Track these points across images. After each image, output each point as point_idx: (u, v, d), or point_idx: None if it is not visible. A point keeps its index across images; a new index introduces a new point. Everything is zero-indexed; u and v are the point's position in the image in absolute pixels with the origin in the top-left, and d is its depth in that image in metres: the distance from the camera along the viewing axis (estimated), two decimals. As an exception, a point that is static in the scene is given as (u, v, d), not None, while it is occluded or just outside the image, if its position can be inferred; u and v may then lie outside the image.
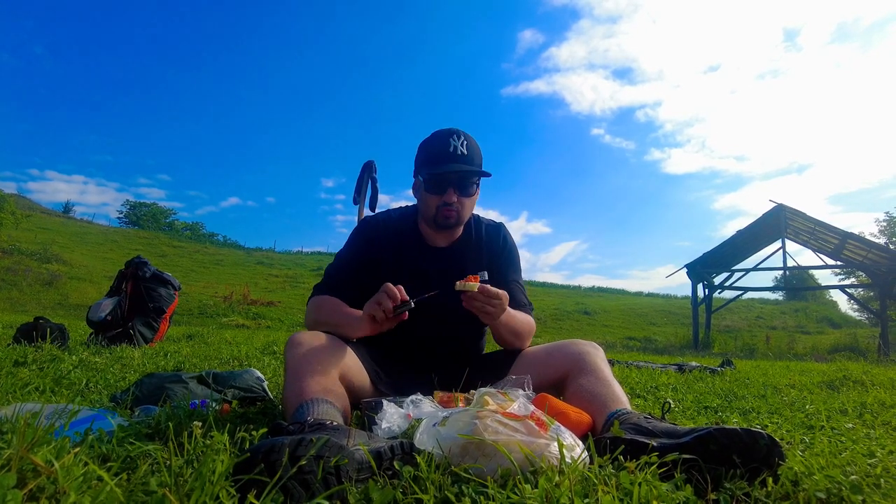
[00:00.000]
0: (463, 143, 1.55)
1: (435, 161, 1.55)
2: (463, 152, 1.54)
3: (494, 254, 1.72)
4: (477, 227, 1.75)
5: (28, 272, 17.36)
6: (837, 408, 2.09)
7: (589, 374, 1.38)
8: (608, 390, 1.31)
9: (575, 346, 1.50)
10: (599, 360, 1.43)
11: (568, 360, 1.46)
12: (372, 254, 1.66)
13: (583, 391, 1.33)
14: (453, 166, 1.53)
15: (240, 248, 39.56)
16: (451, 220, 1.59)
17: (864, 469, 1.04)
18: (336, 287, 1.63)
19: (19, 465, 0.70)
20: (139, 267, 4.12)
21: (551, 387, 1.47)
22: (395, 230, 1.70)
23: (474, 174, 1.57)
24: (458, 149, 1.54)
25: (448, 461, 0.90)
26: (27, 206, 34.30)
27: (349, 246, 1.71)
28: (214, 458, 0.75)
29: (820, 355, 10.24)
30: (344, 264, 1.68)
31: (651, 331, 20.38)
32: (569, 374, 1.43)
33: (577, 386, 1.36)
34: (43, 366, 2.32)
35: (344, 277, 1.65)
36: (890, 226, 28.92)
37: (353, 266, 1.67)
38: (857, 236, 13.15)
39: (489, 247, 1.72)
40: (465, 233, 1.71)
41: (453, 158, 1.53)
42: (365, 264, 1.66)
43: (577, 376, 1.39)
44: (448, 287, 1.46)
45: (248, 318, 15.03)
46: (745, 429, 0.94)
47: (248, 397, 1.74)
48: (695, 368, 4.02)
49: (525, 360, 1.57)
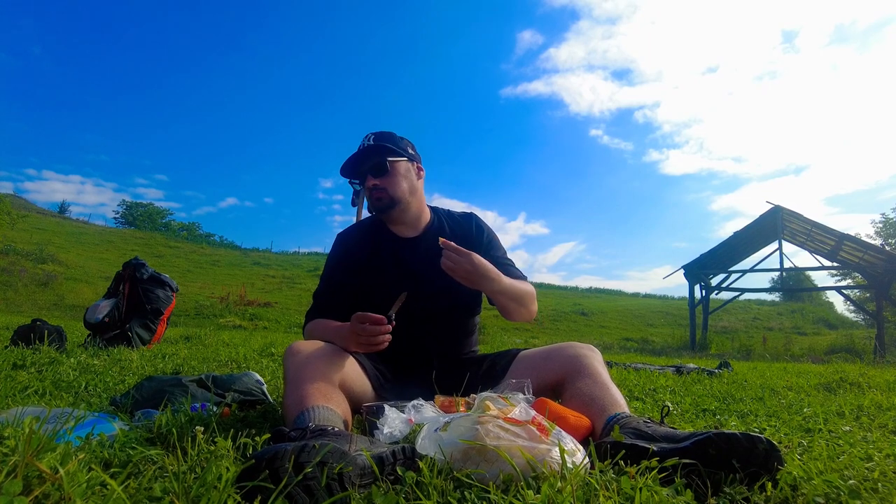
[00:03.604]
0: (370, 138, 1.67)
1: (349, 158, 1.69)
2: (370, 142, 1.66)
3: (469, 240, 1.76)
4: (448, 217, 1.84)
5: (23, 273, 17.28)
6: (834, 410, 2.10)
7: (587, 377, 1.38)
8: (606, 394, 1.32)
9: (572, 349, 1.51)
10: (597, 364, 1.44)
11: (566, 364, 1.46)
12: (350, 259, 1.73)
13: (581, 395, 1.34)
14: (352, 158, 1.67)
15: (236, 248, 39.48)
16: (383, 201, 1.66)
17: (862, 473, 1.05)
18: (326, 308, 1.68)
19: (25, 472, 0.70)
20: (136, 268, 4.11)
21: (549, 390, 1.48)
22: (367, 232, 1.78)
23: (373, 153, 1.65)
24: (366, 143, 1.67)
25: (450, 466, 0.90)
26: (23, 206, 34.14)
27: (328, 262, 1.79)
28: (219, 465, 0.75)
29: (816, 356, 10.29)
30: (329, 281, 1.74)
31: (648, 332, 20.42)
32: (566, 378, 1.43)
33: (576, 389, 1.37)
34: (41, 369, 2.31)
35: (332, 296, 1.71)
36: (886, 227, 29.02)
37: (337, 278, 1.72)
38: (854, 238, 13.21)
39: (462, 235, 1.78)
40: (435, 222, 1.79)
41: (360, 150, 1.66)
42: (348, 272, 1.71)
43: (575, 379, 1.40)
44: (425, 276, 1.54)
45: (244, 318, 15.00)
46: (744, 433, 0.94)
47: (248, 400, 1.74)
48: (692, 370, 4.04)
49: (522, 362, 1.58)
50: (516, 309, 1.63)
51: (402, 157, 1.68)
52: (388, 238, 1.74)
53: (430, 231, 1.76)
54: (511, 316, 1.66)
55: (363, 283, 1.69)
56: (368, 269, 1.69)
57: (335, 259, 1.76)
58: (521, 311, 1.64)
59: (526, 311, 1.66)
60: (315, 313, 1.69)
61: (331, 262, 1.77)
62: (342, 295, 1.70)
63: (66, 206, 46.61)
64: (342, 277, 1.72)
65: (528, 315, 1.67)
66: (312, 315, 1.69)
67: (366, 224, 1.81)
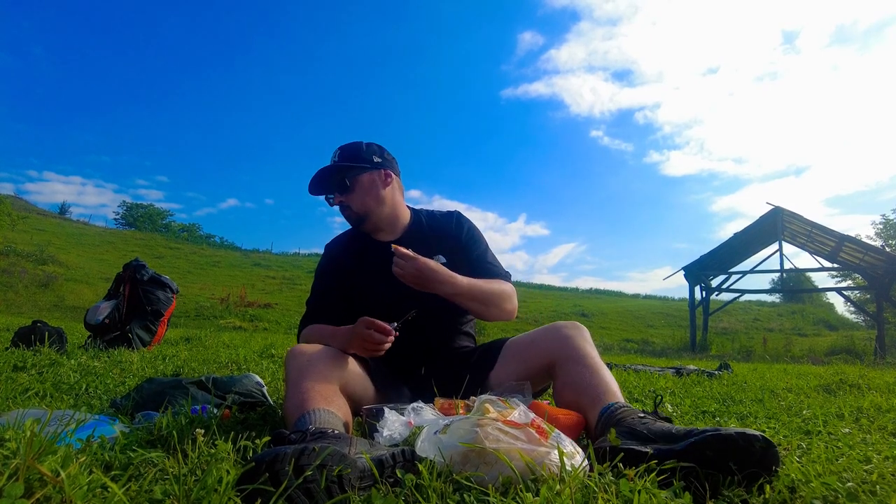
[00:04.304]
0: (335, 154, 1.71)
1: None
2: (333, 161, 1.70)
3: (448, 238, 1.78)
4: (429, 218, 1.84)
5: (24, 274, 17.30)
6: (834, 412, 2.10)
7: (577, 361, 1.37)
8: (599, 380, 1.31)
9: (558, 331, 1.48)
10: (586, 344, 1.43)
11: (553, 346, 1.45)
12: (337, 266, 1.77)
13: (573, 382, 1.34)
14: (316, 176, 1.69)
15: (237, 249, 39.52)
16: (351, 217, 1.72)
17: (861, 475, 1.05)
18: (320, 314, 1.71)
19: (26, 475, 0.71)
20: (137, 270, 4.12)
21: (541, 374, 1.49)
22: (351, 239, 1.82)
23: (334, 172, 1.68)
24: (331, 161, 1.71)
25: (450, 469, 0.91)
26: (23, 207, 34.17)
27: (318, 272, 1.83)
28: (220, 468, 0.76)
29: (817, 358, 10.29)
30: (319, 289, 1.77)
31: (648, 333, 20.43)
32: (556, 362, 1.42)
33: (567, 376, 1.37)
34: (42, 370, 2.32)
35: (324, 302, 1.74)
36: (886, 228, 29.05)
37: (327, 285, 1.76)
38: (854, 239, 13.23)
39: (443, 234, 1.79)
40: (414, 225, 1.81)
41: (324, 169, 1.69)
42: (335, 278, 1.75)
43: (566, 363, 1.39)
44: None
45: (244, 319, 15.03)
46: (739, 432, 0.94)
47: (248, 402, 1.74)
48: (692, 372, 4.04)
49: (511, 349, 1.57)
50: (483, 309, 1.63)
51: (363, 171, 1.69)
52: (370, 243, 1.77)
53: (407, 233, 1.78)
54: (482, 317, 1.67)
55: (352, 287, 1.73)
56: (354, 273, 1.73)
57: (323, 268, 1.81)
58: (490, 311, 1.64)
59: (497, 310, 1.64)
60: (309, 319, 1.71)
61: (319, 272, 1.81)
62: (333, 300, 1.73)
63: (67, 207, 46.66)
64: (331, 283, 1.75)
65: (501, 314, 1.65)
66: (307, 321, 1.71)
67: (350, 233, 1.85)
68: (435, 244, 1.73)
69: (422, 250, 1.60)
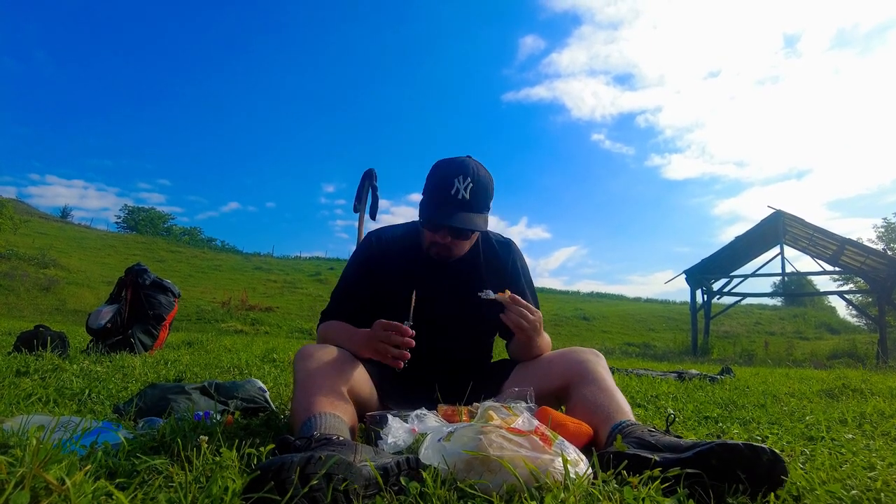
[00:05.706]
0: (467, 187, 1.47)
1: (435, 202, 1.51)
2: (465, 196, 1.47)
3: (500, 269, 1.69)
4: (485, 243, 1.71)
5: (25, 277, 17.33)
6: (837, 418, 2.09)
7: (591, 383, 1.38)
8: (612, 401, 1.31)
9: (576, 354, 1.49)
10: (601, 369, 1.43)
11: (569, 369, 1.45)
12: (376, 268, 1.65)
13: (586, 401, 1.34)
14: (448, 216, 1.48)
15: (238, 253, 39.58)
16: (442, 257, 1.58)
17: (865, 483, 1.05)
18: (343, 309, 1.64)
19: (32, 483, 0.71)
20: (139, 274, 4.12)
21: (553, 396, 1.47)
22: (400, 243, 1.68)
23: (466, 221, 1.49)
24: (460, 192, 1.47)
25: (453, 476, 0.91)
26: (25, 211, 34.26)
27: (353, 263, 1.71)
28: (225, 476, 0.76)
29: (819, 361, 10.26)
30: (348, 284, 1.67)
31: (650, 336, 20.37)
32: (570, 384, 1.42)
33: (580, 396, 1.36)
34: (45, 375, 2.32)
35: (350, 299, 1.66)
36: (888, 231, 29.04)
37: (358, 281, 1.67)
38: (856, 242, 13.21)
39: (497, 265, 1.69)
40: (472, 249, 1.67)
41: (453, 203, 1.47)
42: (370, 279, 1.65)
43: (580, 385, 1.39)
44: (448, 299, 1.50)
45: (246, 323, 15.02)
46: (747, 444, 0.94)
47: (251, 408, 1.75)
48: (695, 376, 4.03)
49: (525, 369, 1.57)
50: (527, 353, 1.58)
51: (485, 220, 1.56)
52: (418, 257, 1.64)
53: (463, 259, 1.65)
54: (518, 356, 1.63)
55: (388, 294, 1.61)
56: (394, 279, 1.60)
57: (360, 261, 1.69)
58: (530, 355, 1.59)
59: (532, 356, 1.60)
60: (331, 314, 1.64)
61: (356, 262, 1.69)
62: (362, 298, 1.65)
63: (69, 211, 46.94)
64: (365, 280, 1.66)
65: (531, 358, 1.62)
66: (328, 315, 1.65)
67: (400, 233, 1.72)
68: (485, 273, 1.67)
69: (473, 278, 1.61)
